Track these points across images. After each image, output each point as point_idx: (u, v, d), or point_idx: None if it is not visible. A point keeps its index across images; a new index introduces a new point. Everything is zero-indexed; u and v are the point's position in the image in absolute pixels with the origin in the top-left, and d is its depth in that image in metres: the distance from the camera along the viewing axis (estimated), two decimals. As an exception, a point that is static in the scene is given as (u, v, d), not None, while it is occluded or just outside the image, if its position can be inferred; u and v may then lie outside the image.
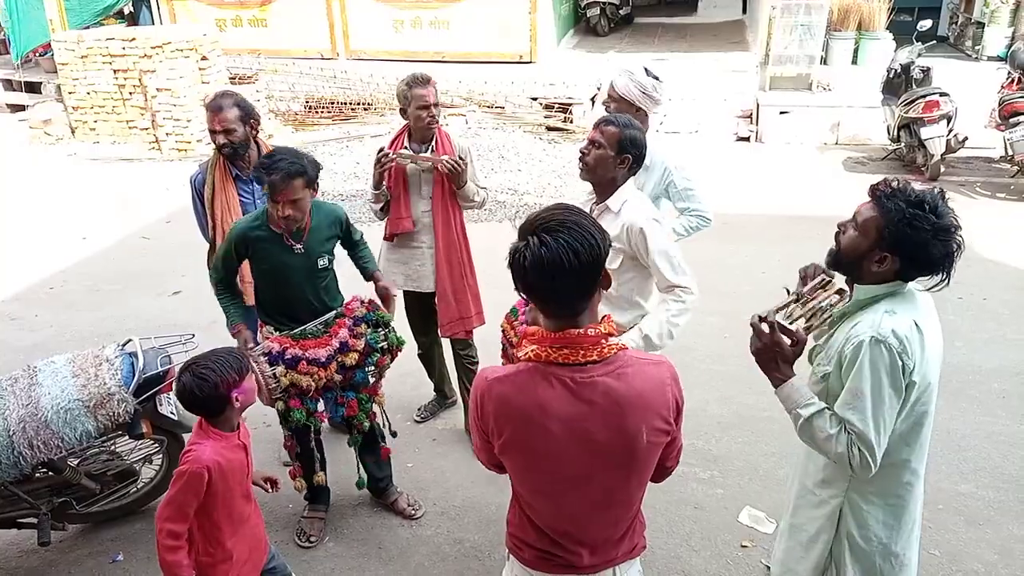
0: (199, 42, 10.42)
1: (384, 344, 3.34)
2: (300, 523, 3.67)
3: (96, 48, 10.30)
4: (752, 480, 3.90)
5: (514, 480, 1.88)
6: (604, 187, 2.92)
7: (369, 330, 3.32)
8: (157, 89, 9.87)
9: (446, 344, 4.29)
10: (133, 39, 10.19)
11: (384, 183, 3.80)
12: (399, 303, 3.83)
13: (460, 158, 3.74)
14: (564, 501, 1.81)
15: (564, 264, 1.62)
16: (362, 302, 3.40)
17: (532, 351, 1.74)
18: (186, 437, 3.58)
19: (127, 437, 3.39)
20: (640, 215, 2.84)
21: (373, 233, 4.08)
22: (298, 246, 3.21)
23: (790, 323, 2.20)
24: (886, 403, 2.00)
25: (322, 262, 3.31)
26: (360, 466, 3.61)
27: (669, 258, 2.84)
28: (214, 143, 3.65)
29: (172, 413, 3.43)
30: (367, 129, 10.28)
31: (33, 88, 12.12)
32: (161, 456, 3.64)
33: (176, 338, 3.47)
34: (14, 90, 12.29)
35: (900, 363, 1.98)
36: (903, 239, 2.00)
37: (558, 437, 1.72)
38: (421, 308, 4.12)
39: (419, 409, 4.50)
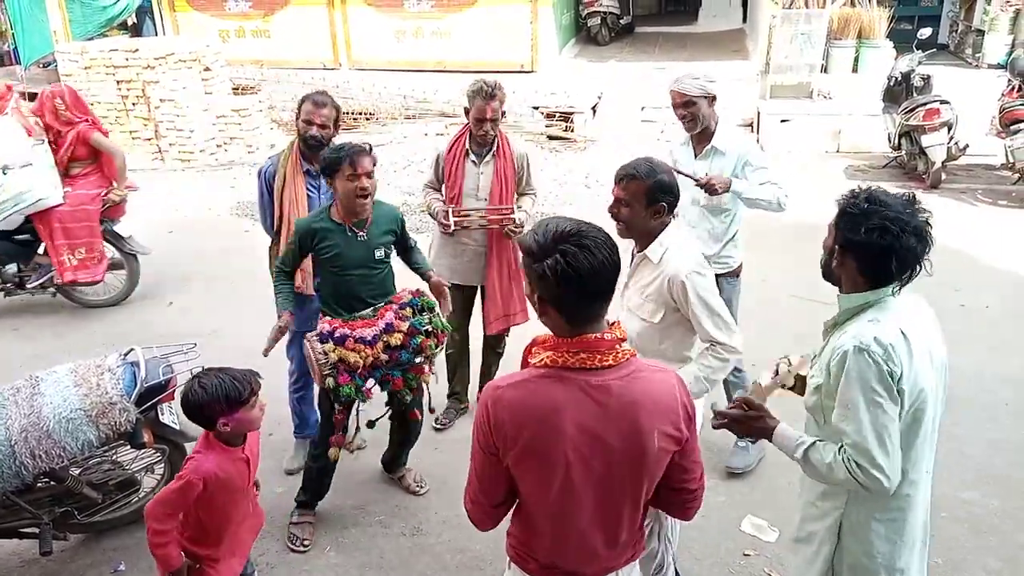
0: (202, 53, 10.48)
1: (428, 327, 3.43)
2: (290, 529, 3.67)
3: (100, 59, 10.35)
4: (755, 488, 3.89)
5: (527, 494, 1.85)
6: (644, 238, 2.76)
7: (415, 314, 3.44)
8: (160, 100, 9.92)
9: (474, 349, 4.54)
10: (136, 50, 10.25)
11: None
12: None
13: (519, 215, 4.06)
14: (578, 508, 1.80)
15: (606, 272, 1.68)
16: (411, 292, 3.53)
17: (548, 357, 1.74)
18: (188, 446, 3.61)
19: (129, 447, 3.38)
20: (682, 267, 2.65)
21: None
22: (361, 234, 3.40)
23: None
24: (882, 410, 1.98)
25: (379, 253, 3.46)
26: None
27: (711, 312, 2.67)
28: (302, 133, 3.81)
29: (174, 422, 3.44)
30: (370, 139, 10.25)
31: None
32: (163, 465, 3.63)
33: (178, 348, 3.47)
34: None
35: (887, 369, 1.96)
36: (842, 227, 2.06)
37: (573, 441, 1.72)
38: (461, 302, 4.30)
39: (436, 420, 4.46)
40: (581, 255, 1.66)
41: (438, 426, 4.45)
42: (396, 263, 3.67)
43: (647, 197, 2.64)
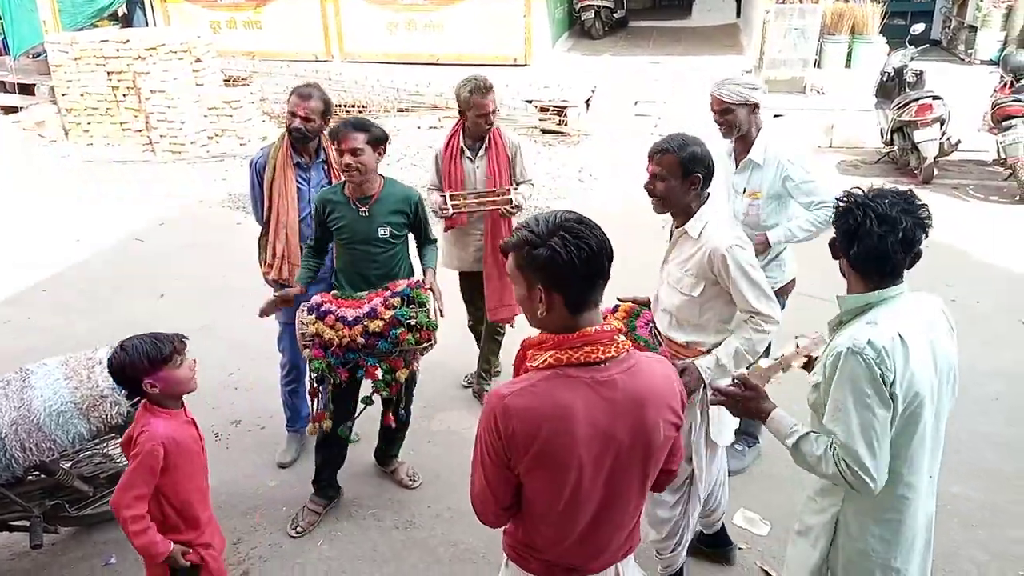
0: (193, 44, 10.41)
1: (412, 321, 3.36)
2: (298, 511, 3.72)
3: (90, 50, 10.27)
4: (747, 482, 3.90)
5: (534, 496, 1.81)
6: (681, 213, 2.78)
7: (402, 305, 3.38)
8: (151, 91, 9.86)
9: None
10: (127, 41, 10.17)
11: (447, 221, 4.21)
12: (454, 281, 4.46)
13: (516, 197, 4.10)
14: (585, 506, 1.79)
15: (605, 251, 1.71)
16: (410, 282, 3.48)
17: (551, 356, 1.71)
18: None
19: (120, 439, 3.36)
20: (723, 240, 2.68)
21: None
22: (363, 209, 3.43)
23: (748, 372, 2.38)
24: (872, 414, 1.97)
25: (383, 231, 3.47)
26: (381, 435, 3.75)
27: (752, 282, 2.69)
28: (287, 125, 3.81)
29: (165, 415, 3.42)
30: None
31: (26, 90, 12.08)
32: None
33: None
34: (7, 92, 12.24)
35: (879, 373, 1.95)
36: (834, 228, 2.10)
37: (584, 442, 1.70)
38: (471, 286, 4.54)
39: (466, 376, 4.83)
40: (585, 231, 1.69)
41: (464, 384, 4.78)
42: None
43: (682, 169, 2.66)
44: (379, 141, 3.37)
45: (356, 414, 3.58)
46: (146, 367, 2.53)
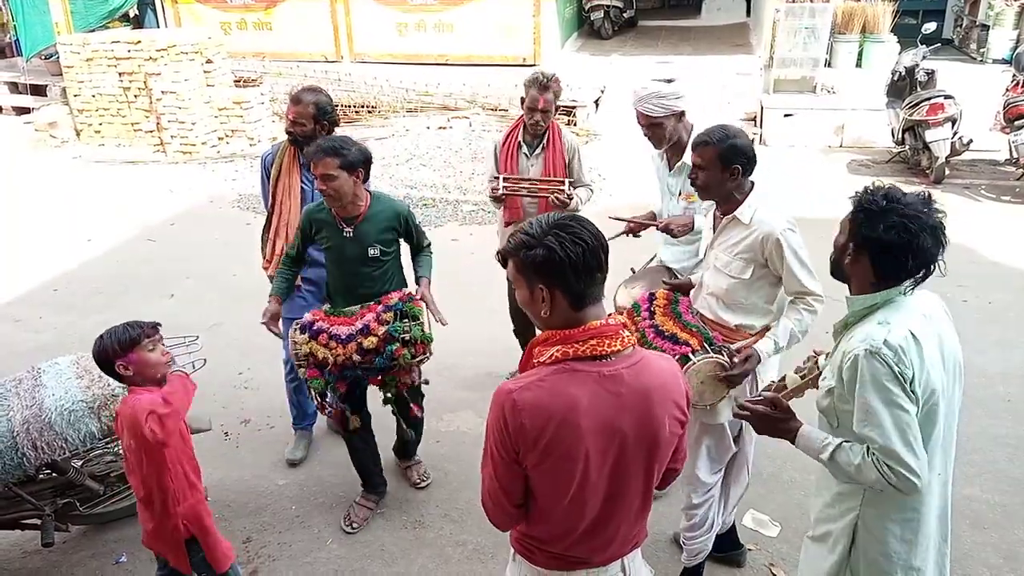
0: (204, 45, 10.47)
1: (406, 336, 3.29)
2: (349, 507, 3.76)
3: (101, 51, 10.35)
4: (756, 483, 3.87)
5: (541, 490, 1.81)
6: (725, 201, 2.87)
7: (395, 320, 3.31)
8: (162, 92, 9.91)
9: None
10: (138, 42, 10.24)
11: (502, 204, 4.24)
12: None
13: (569, 189, 4.09)
14: (592, 500, 1.80)
15: (601, 244, 1.73)
16: (402, 295, 3.40)
17: (558, 351, 1.73)
18: (193, 438, 3.61)
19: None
20: (777, 225, 2.77)
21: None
22: (348, 230, 3.35)
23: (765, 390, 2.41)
24: (903, 411, 1.95)
25: (372, 251, 3.39)
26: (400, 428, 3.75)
27: (803, 263, 2.81)
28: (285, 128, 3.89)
29: (176, 414, 3.44)
30: (371, 132, 10.29)
31: (38, 91, 12.18)
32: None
33: (180, 340, 3.46)
34: (19, 93, 12.33)
35: (899, 371, 1.94)
36: (857, 224, 2.02)
37: (590, 435, 1.71)
38: None
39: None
40: (577, 227, 1.72)
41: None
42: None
43: (721, 160, 2.75)
44: (354, 165, 3.22)
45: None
46: (117, 350, 2.67)
